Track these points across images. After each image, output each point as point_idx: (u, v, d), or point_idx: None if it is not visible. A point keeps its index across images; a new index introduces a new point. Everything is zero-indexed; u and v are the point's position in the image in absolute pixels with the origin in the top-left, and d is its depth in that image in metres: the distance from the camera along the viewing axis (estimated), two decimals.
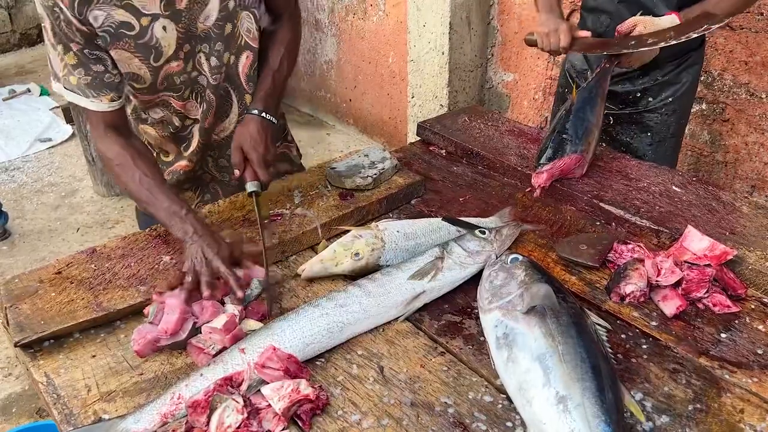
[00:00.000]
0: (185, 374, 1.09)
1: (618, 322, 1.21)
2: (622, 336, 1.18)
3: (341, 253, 1.33)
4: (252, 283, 1.25)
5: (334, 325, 1.15)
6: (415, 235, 1.38)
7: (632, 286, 1.24)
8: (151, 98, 1.48)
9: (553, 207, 1.59)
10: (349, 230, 1.38)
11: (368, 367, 1.12)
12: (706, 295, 1.23)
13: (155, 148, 1.65)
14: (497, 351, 1.06)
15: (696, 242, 1.30)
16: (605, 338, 1.09)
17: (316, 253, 1.40)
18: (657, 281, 1.24)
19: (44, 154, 4.57)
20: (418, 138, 2.01)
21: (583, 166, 1.66)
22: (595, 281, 1.32)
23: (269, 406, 1.01)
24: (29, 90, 5.38)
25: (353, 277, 1.31)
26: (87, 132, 3.69)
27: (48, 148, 4.63)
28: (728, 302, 1.22)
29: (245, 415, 0.98)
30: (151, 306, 1.20)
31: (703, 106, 2.68)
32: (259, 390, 1.03)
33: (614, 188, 1.61)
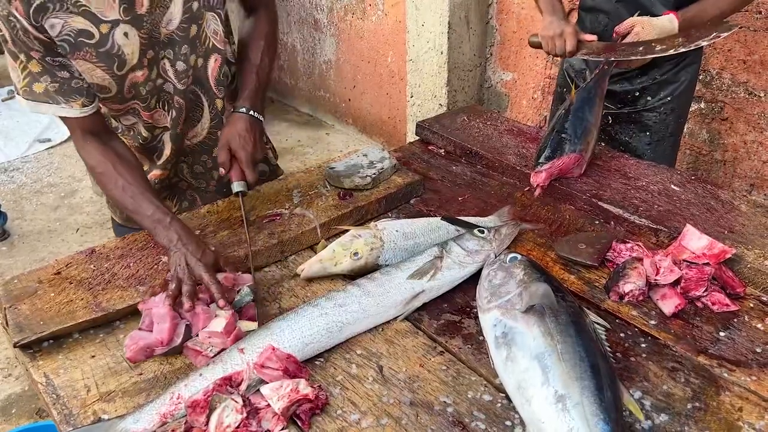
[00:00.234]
0: (184, 374, 1.09)
1: (617, 320, 1.21)
2: (620, 335, 1.18)
3: (340, 252, 1.33)
4: (242, 290, 1.24)
5: (333, 325, 1.15)
6: (414, 235, 1.38)
7: (631, 284, 1.24)
8: (121, 107, 1.44)
9: (551, 206, 1.59)
10: (348, 230, 1.38)
11: (367, 367, 1.12)
12: (704, 294, 1.23)
13: None
14: (496, 350, 1.06)
15: (695, 241, 1.31)
16: (604, 337, 1.09)
17: (315, 252, 1.40)
18: (656, 280, 1.24)
19: (43, 155, 4.57)
20: (417, 137, 2.01)
21: (581, 166, 1.66)
22: (593, 280, 1.32)
23: (268, 405, 1.01)
24: None
25: (352, 276, 1.31)
26: None
27: (47, 149, 4.63)
28: (727, 301, 1.22)
29: (244, 414, 0.98)
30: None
31: (702, 104, 2.68)
32: (258, 390, 1.04)
33: (613, 187, 1.61)
